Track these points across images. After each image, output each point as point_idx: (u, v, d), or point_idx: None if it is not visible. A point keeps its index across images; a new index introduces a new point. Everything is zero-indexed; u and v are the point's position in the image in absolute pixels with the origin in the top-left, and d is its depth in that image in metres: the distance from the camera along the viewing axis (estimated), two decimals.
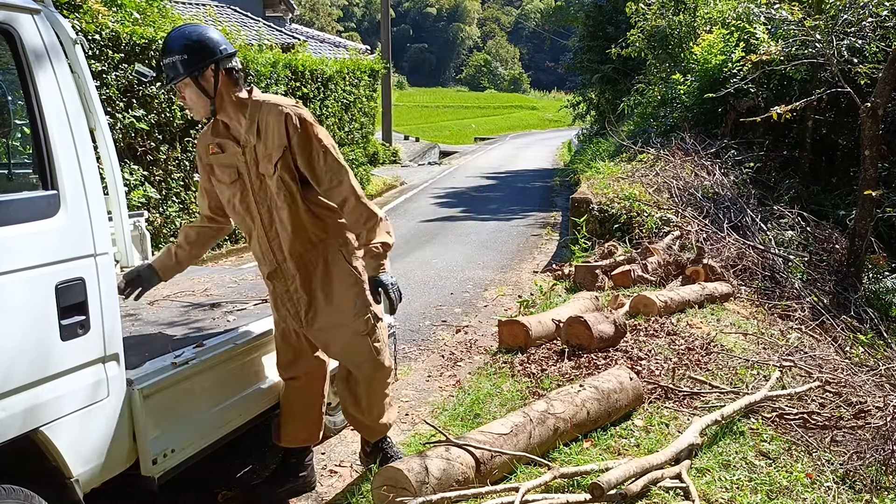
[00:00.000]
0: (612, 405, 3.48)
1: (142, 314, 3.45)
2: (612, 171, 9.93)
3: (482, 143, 33.11)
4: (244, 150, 2.84)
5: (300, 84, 10.91)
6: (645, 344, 4.64)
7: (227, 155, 2.89)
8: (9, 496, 2.09)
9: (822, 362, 4.44)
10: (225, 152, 2.89)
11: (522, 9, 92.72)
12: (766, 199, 8.36)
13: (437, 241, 10.08)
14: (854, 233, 6.95)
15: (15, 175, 2.47)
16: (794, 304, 6.10)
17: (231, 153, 2.88)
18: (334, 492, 3.30)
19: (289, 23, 24.94)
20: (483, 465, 2.84)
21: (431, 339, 5.76)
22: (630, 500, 2.66)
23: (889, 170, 8.71)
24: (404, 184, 16.35)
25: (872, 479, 3.13)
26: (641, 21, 13.54)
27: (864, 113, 6.71)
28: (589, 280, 6.41)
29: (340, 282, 2.96)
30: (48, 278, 2.20)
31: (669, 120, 11.18)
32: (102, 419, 2.40)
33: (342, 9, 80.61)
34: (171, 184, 7.85)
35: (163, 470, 2.59)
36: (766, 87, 9.69)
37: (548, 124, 45.90)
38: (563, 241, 9.31)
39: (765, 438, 3.37)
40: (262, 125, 2.80)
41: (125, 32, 7.04)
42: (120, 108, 7.03)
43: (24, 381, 2.13)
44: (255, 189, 2.88)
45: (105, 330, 2.39)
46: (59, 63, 2.34)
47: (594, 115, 22.58)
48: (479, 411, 3.85)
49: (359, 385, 3.11)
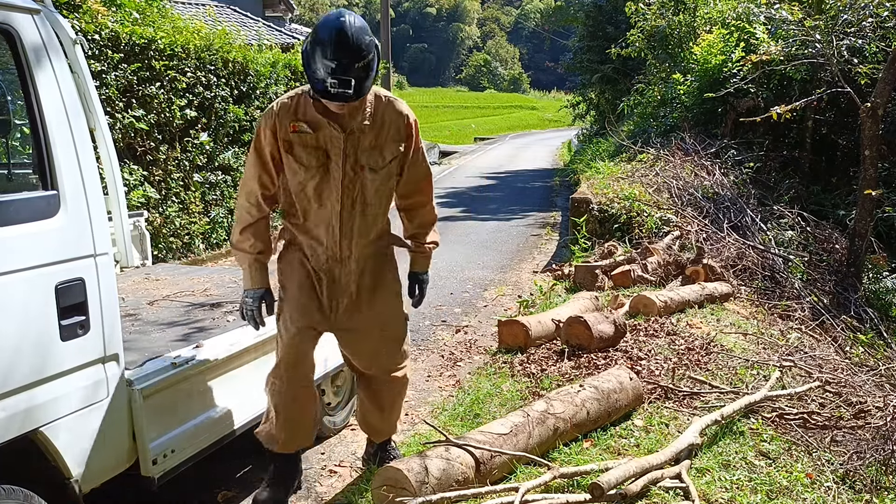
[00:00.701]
0: (612, 405, 3.48)
1: (142, 314, 3.45)
2: (611, 171, 9.93)
3: (482, 143, 33.09)
4: (347, 137, 2.72)
5: (300, 84, 10.91)
6: (645, 344, 4.64)
7: (320, 136, 2.72)
8: (9, 496, 2.09)
9: (822, 362, 4.44)
10: (316, 132, 2.72)
11: (522, 9, 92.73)
12: (766, 199, 8.35)
13: None
14: (854, 233, 6.95)
15: (15, 175, 2.48)
16: (794, 304, 6.10)
17: (326, 136, 2.72)
18: (334, 492, 3.30)
19: (288, 23, 24.95)
20: (483, 465, 2.84)
21: (431, 339, 5.76)
22: (630, 500, 2.66)
23: (889, 170, 8.70)
24: None
25: (872, 479, 3.13)
26: (641, 21, 13.54)
27: (864, 113, 6.71)
28: (589, 280, 6.41)
29: (386, 287, 3.00)
30: (48, 278, 2.20)
31: (669, 120, 11.18)
32: (102, 419, 2.40)
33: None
34: (170, 184, 7.84)
35: (163, 470, 2.60)
36: (766, 87, 9.68)
37: (548, 124, 45.88)
38: (563, 241, 9.31)
39: (765, 438, 3.37)
40: (381, 119, 2.77)
41: (125, 32, 7.03)
42: (120, 108, 7.03)
43: (24, 381, 2.13)
44: (344, 179, 2.75)
45: (105, 330, 2.39)
46: (59, 63, 2.34)
47: (594, 115, 22.59)
48: (479, 411, 3.84)
49: (382, 391, 3.12)
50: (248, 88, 9.20)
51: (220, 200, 8.75)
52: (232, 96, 8.84)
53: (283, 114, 2.75)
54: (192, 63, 8.06)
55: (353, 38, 2.53)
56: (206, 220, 8.50)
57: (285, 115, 2.74)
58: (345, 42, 2.52)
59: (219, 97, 8.53)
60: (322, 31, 2.57)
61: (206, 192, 8.51)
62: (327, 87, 2.54)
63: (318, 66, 2.56)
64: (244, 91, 9.12)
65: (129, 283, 4.03)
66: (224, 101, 8.65)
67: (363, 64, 2.57)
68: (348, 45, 2.52)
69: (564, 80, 49.40)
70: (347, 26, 2.54)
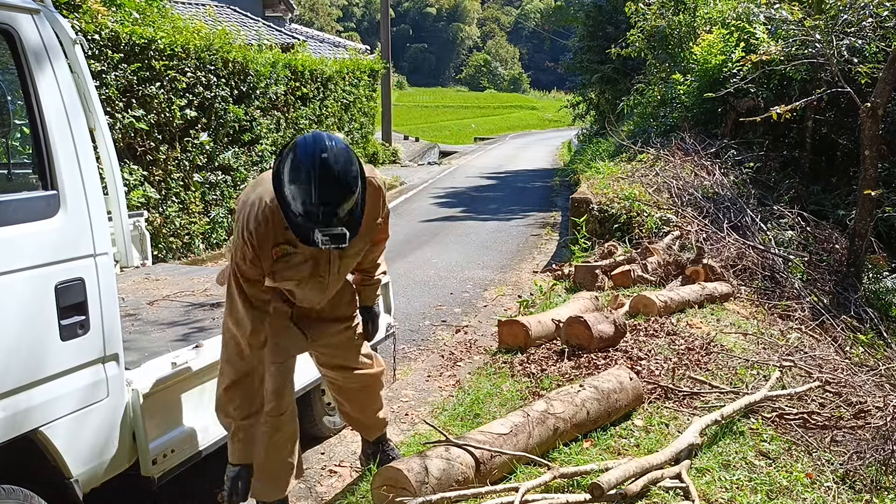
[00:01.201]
0: (612, 405, 3.48)
1: (142, 314, 3.45)
2: (611, 171, 9.93)
3: (482, 143, 33.10)
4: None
5: (300, 84, 10.91)
6: (645, 344, 4.64)
7: (307, 250, 2.49)
8: (9, 496, 2.09)
9: (822, 362, 4.44)
10: (298, 247, 2.47)
11: (522, 9, 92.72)
12: (766, 199, 8.35)
13: (436, 241, 10.08)
14: (854, 233, 6.95)
15: (15, 175, 2.47)
16: (794, 304, 6.10)
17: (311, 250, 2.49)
18: (334, 492, 3.30)
19: (288, 23, 24.94)
20: (483, 465, 2.84)
21: (431, 339, 5.76)
22: (630, 500, 2.66)
23: (889, 170, 8.70)
24: (404, 184, 16.34)
25: (872, 479, 3.13)
26: (641, 21, 13.53)
27: (864, 113, 6.71)
28: (589, 280, 6.41)
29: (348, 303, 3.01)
30: (48, 278, 2.20)
31: (669, 120, 11.18)
32: (102, 419, 2.40)
33: (342, 9, 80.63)
34: (170, 184, 7.85)
35: (162, 470, 2.60)
36: (766, 87, 9.68)
37: (547, 124, 45.88)
38: (563, 241, 9.31)
39: (765, 438, 3.37)
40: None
41: (125, 32, 7.03)
42: (119, 108, 7.03)
43: (23, 381, 2.13)
44: (334, 269, 2.66)
45: (105, 330, 2.39)
46: (59, 63, 2.34)
47: (594, 115, 22.57)
48: (479, 411, 3.84)
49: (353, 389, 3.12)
50: (248, 88, 9.21)
51: (220, 200, 8.75)
52: (232, 96, 8.85)
53: (262, 243, 2.42)
54: (192, 63, 8.07)
55: (339, 176, 2.20)
56: (206, 220, 8.50)
57: (265, 243, 2.43)
58: (330, 183, 2.19)
59: (219, 97, 8.54)
60: (301, 165, 2.20)
61: (206, 192, 8.51)
62: (316, 242, 2.26)
63: (298, 208, 2.24)
64: (244, 91, 9.13)
65: (129, 283, 4.03)
66: (224, 101, 8.65)
67: (352, 202, 2.28)
68: (334, 185, 2.20)
69: (564, 80, 49.38)
70: (331, 162, 2.19)
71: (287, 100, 10.41)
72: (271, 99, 9.84)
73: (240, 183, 9.09)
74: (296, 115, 10.69)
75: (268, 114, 9.82)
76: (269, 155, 9.72)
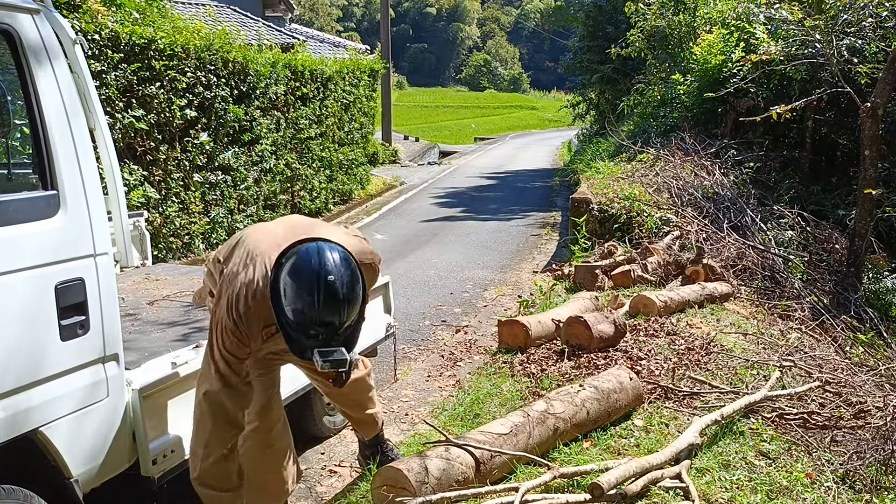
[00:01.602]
0: (612, 405, 3.48)
1: (142, 314, 3.45)
2: (611, 171, 9.93)
3: (482, 143, 33.09)
4: None
5: (300, 84, 10.90)
6: (645, 344, 4.64)
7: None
8: (9, 496, 2.09)
9: (822, 362, 4.44)
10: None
11: (522, 9, 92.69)
12: (766, 199, 8.35)
13: (436, 241, 10.08)
14: (854, 233, 6.95)
15: (15, 175, 2.47)
16: (794, 304, 6.10)
17: None
18: (334, 492, 3.31)
19: (288, 23, 24.93)
20: (483, 465, 2.84)
21: (431, 339, 5.76)
22: (630, 499, 2.66)
23: (889, 170, 8.69)
24: (404, 184, 16.34)
25: (872, 479, 3.13)
26: (641, 21, 13.54)
27: (864, 113, 6.71)
28: (589, 280, 6.41)
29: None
30: (48, 278, 2.20)
31: (669, 120, 11.18)
32: (102, 419, 2.40)
33: (342, 9, 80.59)
34: (170, 184, 7.84)
35: (162, 470, 2.60)
36: (766, 87, 9.68)
37: (547, 124, 45.87)
38: (563, 241, 9.31)
39: (765, 438, 3.37)
40: None
41: (125, 32, 7.03)
42: (119, 107, 7.03)
43: (23, 381, 2.13)
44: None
45: (105, 330, 2.39)
46: (59, 63, 2.34)
47: (594, 115, 22.57)
48: (479, 411, 3.84)
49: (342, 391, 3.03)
50: (248, 88, 9.20)
51: (219, 200, 8.75)
52: (232, 96, 8.84)
53: (251, 323, 2.36)
54: (192, 63, 8.06)
55: (344, 298, 2.11)
56: (206, 220, 8.50)
57: (255, 324, 2.37)
58: (334, 306, 2.12)
59: (219, 97, 8.53)
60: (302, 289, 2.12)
61: (206, 192, 8.51)
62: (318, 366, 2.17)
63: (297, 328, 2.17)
64: (244, 91, 9.13)
65: (129, 283, 4.03)
66: (224, 101, 8.65)
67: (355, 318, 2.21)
68: (339, 308, 2.12)
69: (564, 80, 49.36)
70: (337, 287, 2.10)
71: (287, 100, 10.40)
72: (271, 99, 9.84)
73: (240, 183, 9.09)
74: (296, 114, 10.69)
75: (268, 114, 9.81)
76: (269, 155, 9.72)
